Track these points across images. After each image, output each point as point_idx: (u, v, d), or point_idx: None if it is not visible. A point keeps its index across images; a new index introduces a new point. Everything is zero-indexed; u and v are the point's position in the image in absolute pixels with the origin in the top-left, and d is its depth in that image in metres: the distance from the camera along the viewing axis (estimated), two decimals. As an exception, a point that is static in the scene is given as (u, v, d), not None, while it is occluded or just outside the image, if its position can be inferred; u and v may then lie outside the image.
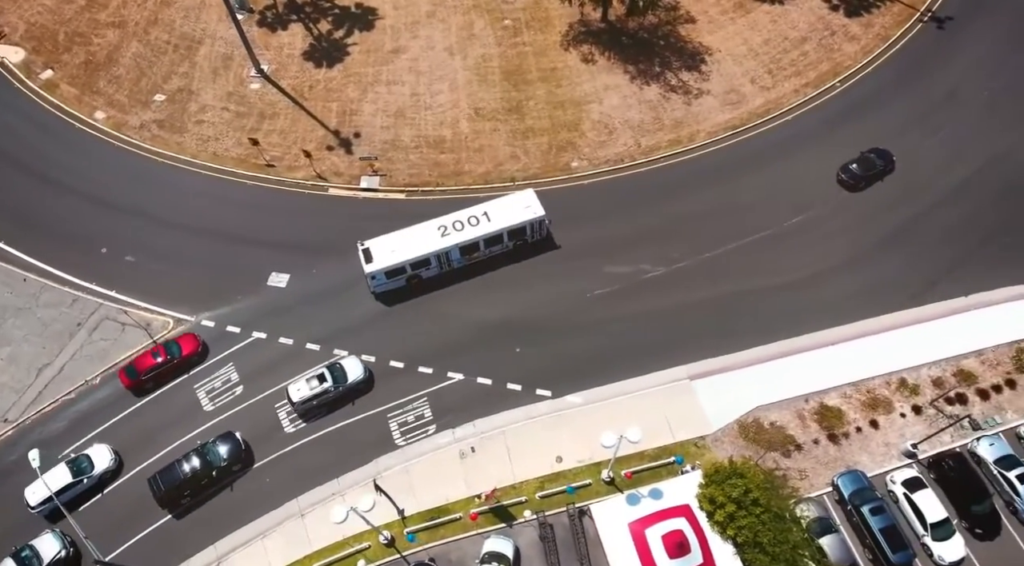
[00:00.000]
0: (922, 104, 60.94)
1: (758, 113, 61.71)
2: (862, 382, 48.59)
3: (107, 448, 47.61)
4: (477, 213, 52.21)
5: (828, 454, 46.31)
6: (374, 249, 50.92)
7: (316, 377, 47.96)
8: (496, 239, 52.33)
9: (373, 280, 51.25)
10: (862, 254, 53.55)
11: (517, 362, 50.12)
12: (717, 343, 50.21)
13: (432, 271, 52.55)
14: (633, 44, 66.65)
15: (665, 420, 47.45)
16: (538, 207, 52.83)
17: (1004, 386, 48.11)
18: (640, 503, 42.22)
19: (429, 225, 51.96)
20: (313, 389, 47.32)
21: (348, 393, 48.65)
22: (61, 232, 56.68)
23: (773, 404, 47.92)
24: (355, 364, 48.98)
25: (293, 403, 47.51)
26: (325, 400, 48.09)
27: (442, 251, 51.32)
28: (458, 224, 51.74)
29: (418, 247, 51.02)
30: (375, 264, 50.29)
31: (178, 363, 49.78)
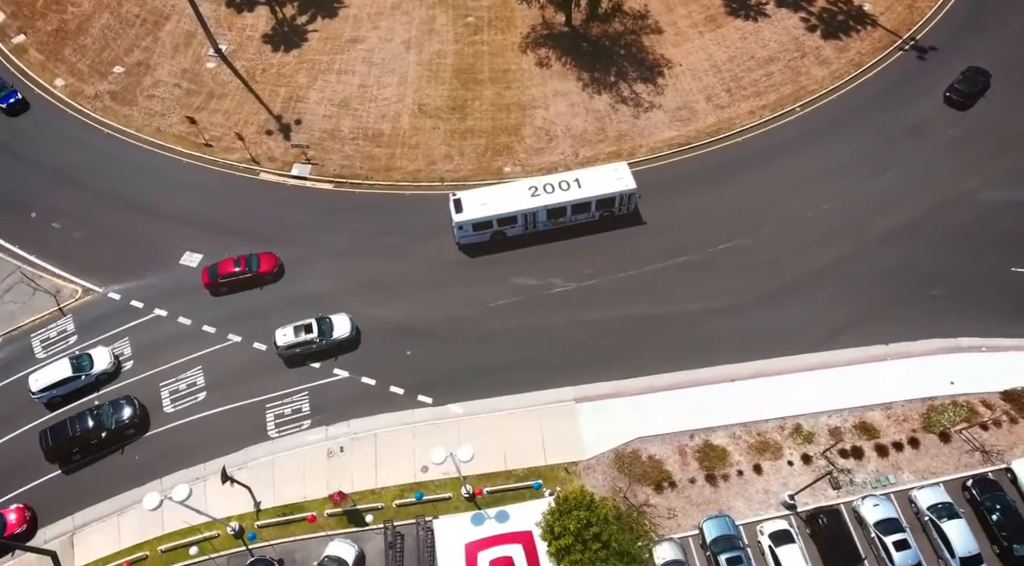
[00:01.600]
0: (880, 139, 57.61)
1: (707, 132, 59.29)
2: (755, 424, 46.17)
3: (108, 351, 49.48)
4: (569, 179, 52.26)
5: (703, 495, 44.15)
6: (465, 200, 51.44)
7: (304, 326, 48.44)
8: (584, 207, 52.24)
9: (460, 231, 51.72)
10: (783, 290, 50.96)
11: (406, 365, 49.25)
12: (611, 367, 48.43)
13: (517, 230, 52.63)
14: (593, 51, 64.81)
15: (541, 441, 45.96)
16: (630, 180, 52.36)
17: (906, 444, 45.07)
18: (484, 524, 40.99)
19: (520, 184, 52.59)
20: (298, 337, 47.99)
21: (331, 348, 48.97)
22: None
23: (656, 436, 45.91)
24: (344, 321, 49.21)
25: (277, 346, 48.29)
26: (307, 350, 48.62)
27: (530, 211, 51.41)
28: (549, 187, 51.75)
29: (507, 204, 51.30)
30: (464, 215, 50.92)
31: (253, 277, 51.42)
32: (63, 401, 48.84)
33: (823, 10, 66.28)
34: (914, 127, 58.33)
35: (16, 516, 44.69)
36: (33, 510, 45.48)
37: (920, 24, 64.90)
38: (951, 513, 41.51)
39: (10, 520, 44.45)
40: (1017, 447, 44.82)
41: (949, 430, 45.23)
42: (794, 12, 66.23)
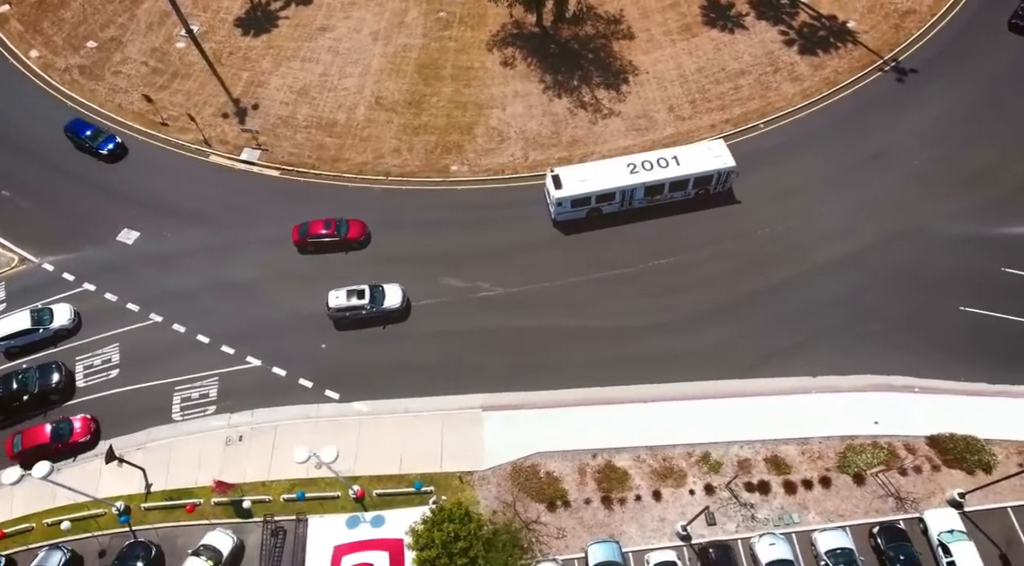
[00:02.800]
0: (841, 162, 55.17)
1: (663, 143, 57.40)
2: (662, 448, 44.52)
3: (69, 308, 50.34)
4: (667, 156, 51.79)
5: (596, 518, 42.68)
6: (564, 176, 51.06)
7: (356, 291, 48.33)
8: (681, 184, 51.77)
9: (559, 207, 51.26)
10: (715, 312, 49.11)
11: (318, 358, 48.72)
12: (528, 377, 47.30)
13: (614, 207, 52.10)
14: (560, 53, 63.40)
15: (440, 447, 44.98)
16: (728, 157, 51.76)
17: (817, 483, 42.98)
18: (358, 527, 40.26)
19: (619, 161, 52.11)
20: (349, 301, 48.00)
21: (381, 316, 48.85)
22: (-47, 161, 59.14)
23: (558, 452, 44.57)
24: (396, 291, 49.07)
25: (328, 308, 48.34)
26: (357, 315, 48.55)
27: (628, 188, 50.94)
28: (647, 164, 51.32)
29: (607, 180, 50.85)
30: (564, 191, 50.49)
31: (340, 242, 51.84)
32: (20, 352, 49.72)
33: (804, 25, 63.83)
34: (880, 152, 55.72)
35: (81, 425, 45.76)
36: (97, 422, 46.58)
37: (904, 45, 62.01)
38: (849, 560, 39.47)
39: (76, 428, 45.57)
40: (935, 496, 42.44)
41: (864, 472, 43.00)
42: (773, 25, 63.88)
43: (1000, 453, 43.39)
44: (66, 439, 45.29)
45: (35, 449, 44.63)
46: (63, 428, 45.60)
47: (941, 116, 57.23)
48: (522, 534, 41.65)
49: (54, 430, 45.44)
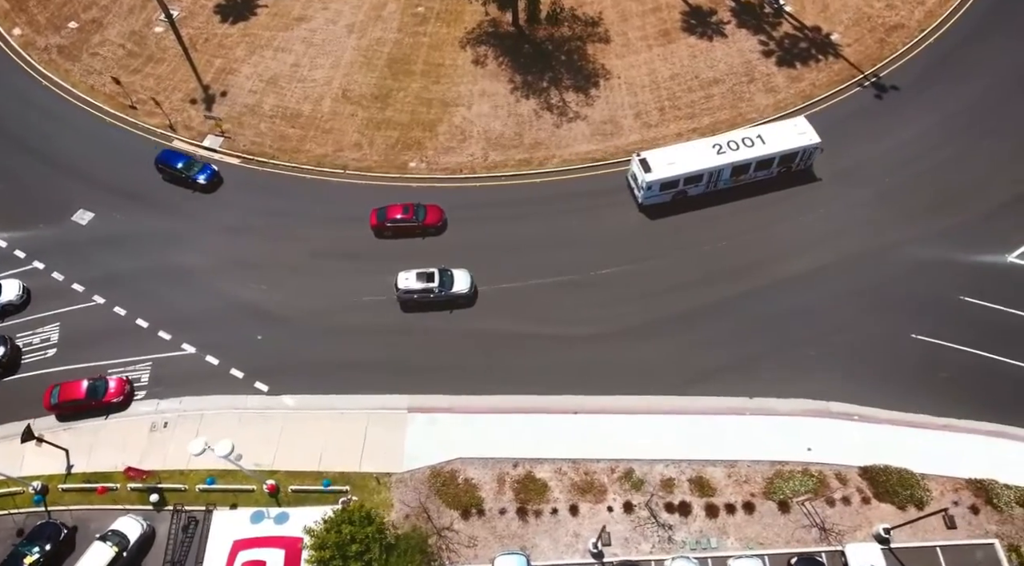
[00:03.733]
0: (804, 179, 53.44)
1: (626, 150, 56.21)
2: (585, 462, 43.45)
3: (19, 284, 50.71)
4: (751, 135, 51.51)
5: (509, 528, 41.76)
6: (652, 160, 50.63)
7: (426, 274, 48.17)
8: (767, 163, 51.51)
9: (647, 191, 50.90)
10: (657, 324, 47.96)
11: (254, 349, 48.41)
12: (459, 380, 46.47)
13: (699, 188, 51.90)
14: (533, 54, 62.46)
15: (362, 446, 44.41)
16: (813, 134, 51.43)
17: (740, 508, 41.63)
18: (261, 522, 39.86)
19: (704, 142, 51.85)
20: (419, 283, 47.84)
21: (448, 300, 48.57)
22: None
23: (479, 459, 43.71)
24: (464, 276, 48.77)
25: (397, 289, 48.23)
26: (425, 299, 48.30)
27: (716, 169, 50.72)
28: (733, 144, 51.05)
29: (695, 162, 50.59)
30: (653, 174, 50.15)
31: (418, 227, 51.59)
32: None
33: (786, 35, 62.12)
34: (849, 169, 53.93)
35: (116, 385, 46.03)
36: (132, 384, 46.90)
37: (887, 61, 60.07)
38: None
39: (111, 387, 45.88)
40: (861, 529, 40.85)
41: (790, 500, 41.51)
42: (754, 35, 62.26)
43: (935, 489, 41.65)
44: (100, 397, 45.45)
45: (70, 403, 45.37)
46: (99, 386, 45.74)
47: (918, 136, 55.27)
48: (432, 540, 40.94)
49: (90, 387, 45.59)
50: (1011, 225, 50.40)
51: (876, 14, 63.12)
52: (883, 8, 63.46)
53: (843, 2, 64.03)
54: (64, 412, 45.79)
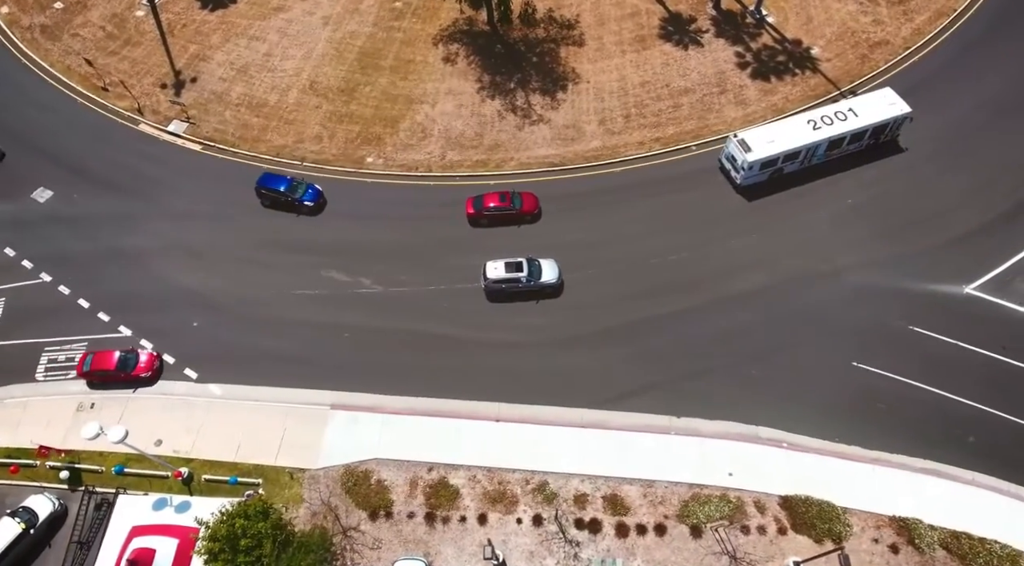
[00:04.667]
0: (763, 194, 51.96)
1: (586, 156, 55.32)
2: (501, 470, 42.68)
3: None
4: (843, 109, 51.63)
5: (415, 533, 41.19)
6: (750, 140, 50.54)
7: (515, 264, 47.88)
8: (860, 135, 51.69)
9: (747, 172, 50.71)
10: (591, 336, 46.96)
11: (188, 335, 48.45)
12: (387, 380, 46.01)
13: (795, 165, 51.91)
14: (505, 54, 61.74)
15: (280, 440, 44.18)
16: (903, 104, 51.67)
17: (651, 530, 40.52)
18: (163, 510, 39.81)
19: (798, 119, 51.84)
20: (508, 273, 47.49)
21: (535, 290, 48.20)
22: None
23: (394, 461, 43.20)
24: (552, 267, 48.44)
25: (486, 279, 47.74)
26: (513, 288, 47.88)
27: (813, 145, 50.87)
28: (827, 119, 51.09)
29: (793, 139, 50.53)
30: (755, 154, 50.00)
31: (514, 215, 51.22)
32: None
33: (764, 47, 60.51)
34: (809, 188, 52.32)
35: (147, 360, 46.24)
36: (162, 361, 47.22)
37: (867, 78, 58.17)
38: (657, 616, 37.02)
39: (141, 361, 46.10)
40: (774, 560, 39.49)
41: (704, 525, 40.29)
42: (731, 45, 60.76)
43: (857, 525, 40.10)
44: (129, 370, 45.68)
45: (100, 372, 45.77)
46: (129, 359, 46.02)
47: (888, 158, 53.38)
48: (337, 540, 40.59)
49: (121, 358, 45.86)
50: (972, 256, 48.40)
51: (861, 29, 61.21)
52: (869, 23, 61.52)
53: (828, 15, 62.22)
54: (94, 380, 46.29)
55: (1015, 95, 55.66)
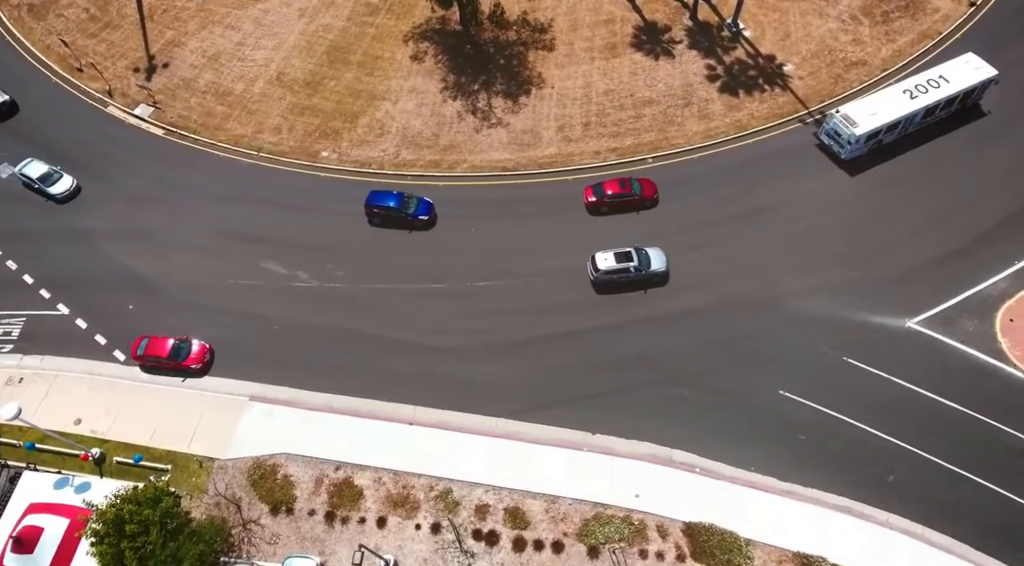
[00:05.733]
0: (716, 212, 50.90)
1: (539, 162, 54.69)
2: (407, 475, 42.39)
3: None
4: (934, 76, 52.35)
5: (313, 531, 41.09)
6: (853, 113, 50.92)
7: (623, 254, 47.49)
8: (951, 101, 52.50)
9: (853, 145, 51.04)
10: (516, 345, 46.50)
11: (123, 317, 48.86)
12: (310, 376, 45.99)
13: (893, 136, 52.40)
14: (474, 55, 61.30)
15: (195, 427, 44.44)
16: (988, 67, 52.31)
17: (549, 546, 39.89)
18: (63, 489, 40.25)
19: (894, 90, 52.46)
20: (619, 263, 47.19)
21: (645, 279, 47.88)
22: None
23: (303, 457, 43.17)
24: (659, 255, 48.13)
25: (597, 270, 47.27)
26: (624, 278, 47.50)
27: (912, 114, 51.48)
28: (921, 87, 51.83)
29: (894, 109, 51.20)
30: (862, 127, 50.28)
31: (635, 200, 51.01)
32: None
33: (737, 61, 59.14)
34: (764, 208, 51.03)
35: (198, 351, 46.19)
36: (213, 354, 46.99)
37: (838, 98, 56.47)
38: (537, 635, 36.38)
39: (193, 352, 46.08)
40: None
41: (601, 546, 39.51)
42: (703, 57, 59.51)
43: (759, 558, 39.01)
44: (181, 360, 45.58)
45: (153, 358, 45.78)
46: (182, 348, 45.89)
47: (843, 183, 51.92)
48: (235, 531, 40.70)
49: (174, 347, 45.76)
50: (919, 289, 46.74)
51: (839, 47, 59.51)
52: (849, 42, 59.79)
53: (807, 32, 60.64)
54: (147, 365, 46.31)
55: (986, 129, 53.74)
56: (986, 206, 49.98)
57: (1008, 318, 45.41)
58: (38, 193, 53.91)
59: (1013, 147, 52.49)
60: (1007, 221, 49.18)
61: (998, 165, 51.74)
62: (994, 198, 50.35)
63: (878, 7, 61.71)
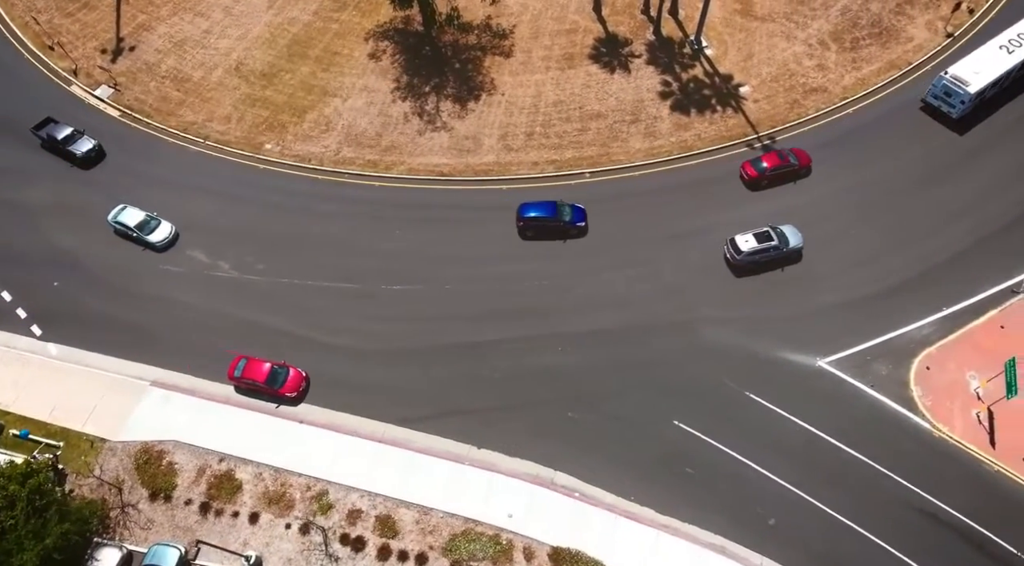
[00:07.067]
0: (647, 233, 49.98)
1: (476, 169, 54.27)
2: (288, 473, 42.37)
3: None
4: (1013, 34, 53.73)
5: (187, 520, 41.34)
6: (961, 73, 51.83)
7: (762, 235, 47.36)
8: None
9: (965, 104, 52.09)
10: (419, 352, 46.18)
11: (46, 293, 49.59)
12: (213, 365, 46.14)
13: (994, 90, 53.36)
14: (431, 56, 61.07)
15: (94, 407, 45.04)
16: None
17: (413, 558, 39.55)
18: (-56, 461, 41.00)
19: (990, 47, 53.44)
20: (761, 244, 47.02)
21: (783, 259, 47.72)
22: None
23: (191, 446, 43.43)
24: (795, 232, 47.92)
25: (739, 252, 46.98)
26: (766, 257, 47.35)
27: (1012, 68, 52.71)
28: (1014, 41, 53.21)
29: (996, 66, 52.39)
30: (974, 86, 51.33)
31: (793, 171, 51.45)
32: None
33: (693, 79, 57.85)
34: (689, 233, 49.82)
35: (294, 377, 44.17)
36: (308, 383, 45.00)
37: (790, 125, 55.01)
38: (381, 647, 35.99)
39: (289, 377, 44.19)
40: (518, 613, 37.84)
41: (465, 562, 38.97)
42: (660, 73, 58.35)
43: (614, 590, 38.04)
44: (277, 386, 43.77)
45: (250, 382, 44.07)
46: (279, 374, 44.03)
47: (782, 212, 50.20)
48: (113, 514, 41.22)
49: (271, 372, 43.99)
50: (837, 328, 45.18)
51: (801, 72, 57.83)
52: (812, 67, 58.08)
53: (770, 54, 59.06)
54: (241, 387, 44.78)
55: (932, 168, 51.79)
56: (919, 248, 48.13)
57: (925, 366, 43.52)
58: (136, 242, 50.92)
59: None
60: (935, 268, 47.28)
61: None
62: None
63: (849, 33, 59.87)
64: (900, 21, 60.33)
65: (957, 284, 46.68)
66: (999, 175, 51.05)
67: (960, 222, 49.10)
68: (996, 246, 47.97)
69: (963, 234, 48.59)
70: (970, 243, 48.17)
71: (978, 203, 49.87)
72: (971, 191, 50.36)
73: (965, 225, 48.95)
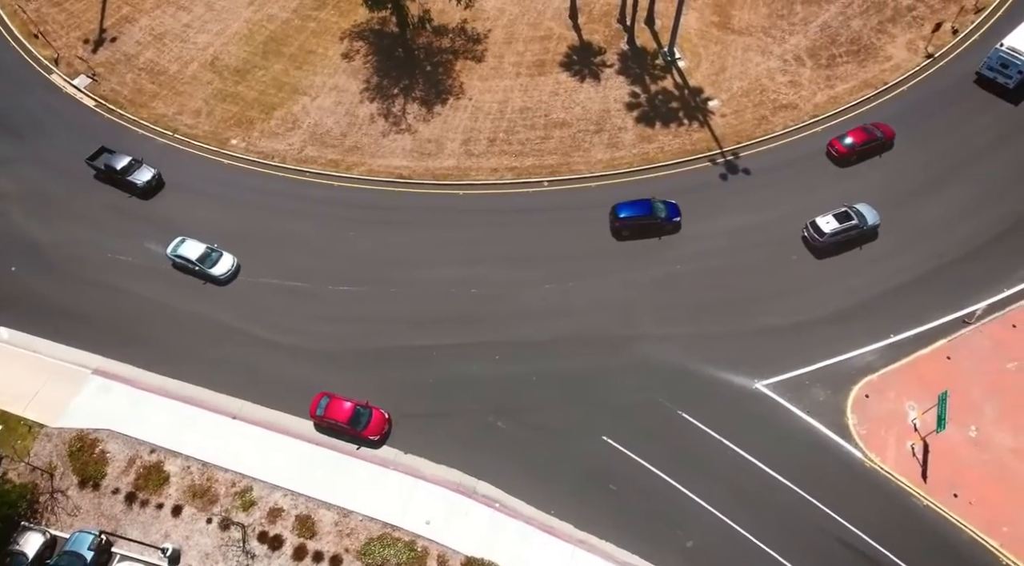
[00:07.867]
0: (597, 243, 49.51)
1: (435, 173, 54.24)
2: (216, 468, 42.68)
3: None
4: None
5: (113, 510, 41.79)
6: (1019, 44, 53.15)
7: (842, 214, 47.81)
8: None
9: (1022, 74, 53.38)
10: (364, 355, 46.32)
11: (3, 278, 50.61)
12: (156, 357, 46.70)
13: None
14: (403, 58, 61.18)
15: (36, 392, 45.69)
16: None
17: (328, 559, 39.60)
18: None
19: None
20: (842, 224, 47.45)
21: (865, 235, 48.29)
22: None
23: (125, 436, 43.89)
24: (871, 210, 48.60)
25: (822, 234, 47.34)
26: (848, 237, 47.80)
27: None
28: None
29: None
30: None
31: (879, 145, 52.21)
32: None
33: (662, 92, 57.28)
34: (645, 248, 49.28)
35: (376, 419, 42.63)
36: (391, 426, 43.37)
37: (756, 141, 54.23)
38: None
39: (371, 419, 42.67)
40: (430, 621, 37.70)
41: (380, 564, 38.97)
42: (629, 84, 57.86)
43: (531, 605, 37.76)
44: (360, 428, 42.25)
45: (331, 422, 42.60)
46: (362, 415, 42.50)
47: (734, 231, 49.53)
48: (42, 499, 41.83)
49: (354, 412, 42.42)
50: (778, 351, 44.45)
51: (773, 88, 57.00)
52: (784, 83, 57.22)
53: (743, 69, 58.28)
54: (322, 427, 43.35)
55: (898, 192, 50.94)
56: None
57: (864, 393, 42.65)
58: (198, 276, 49.31)
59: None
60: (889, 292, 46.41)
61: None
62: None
63: (827, 50, 58.92)
64: (880, 39, 59.24)
65: (909, 310, 45.72)
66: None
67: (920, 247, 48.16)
68: (955, 273, 46.91)
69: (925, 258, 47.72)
70: (932, 267, 47.29)
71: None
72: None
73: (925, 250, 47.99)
